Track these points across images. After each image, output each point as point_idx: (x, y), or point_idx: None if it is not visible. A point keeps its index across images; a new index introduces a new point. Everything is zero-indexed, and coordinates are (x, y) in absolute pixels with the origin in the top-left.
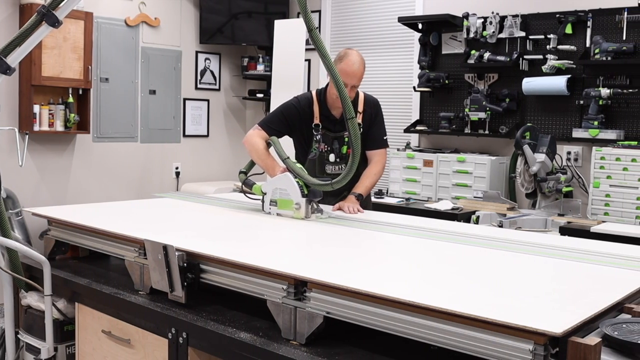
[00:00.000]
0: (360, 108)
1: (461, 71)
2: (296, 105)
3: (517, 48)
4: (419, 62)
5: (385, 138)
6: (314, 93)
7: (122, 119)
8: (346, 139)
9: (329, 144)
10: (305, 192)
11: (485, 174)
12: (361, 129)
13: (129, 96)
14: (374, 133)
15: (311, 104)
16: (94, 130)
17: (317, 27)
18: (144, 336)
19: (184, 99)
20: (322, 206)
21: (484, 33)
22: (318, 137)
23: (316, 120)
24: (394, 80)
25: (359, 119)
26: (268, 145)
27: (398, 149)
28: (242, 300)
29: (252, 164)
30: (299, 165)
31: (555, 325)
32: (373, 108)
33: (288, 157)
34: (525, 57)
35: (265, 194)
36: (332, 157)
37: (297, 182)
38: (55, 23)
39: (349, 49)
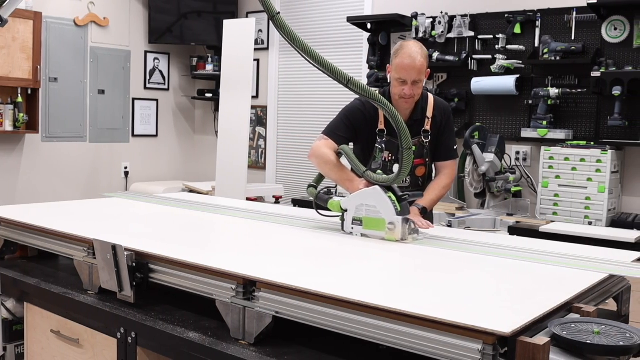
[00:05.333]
0: (430, 113)
1: None
2: (361, 108)
3: (466, 48)
4: (367, 62)
5: (455, 148)
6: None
7: (71, 119)
8: (414, 148)
9: (394, 153)
10: (399, 208)
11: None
12: (429, 137)
13: (78, 96)
14: (444, 142)
15: (376, 107)
16: (43, 130)
17: (279, 12)
18: (92, 336)
19: (133, 99)
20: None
21: (433, 33)
22: (382, 144)
23: (381, 126)
24: None
25: (427, 126)
26: (338, 155)
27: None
28: (191, 300)
29: (321, 176)
30: (382, 175)
31: (504, 325)
32: (443, 114)
33: (367, 170)
34: (474, 57)
35: (345, 211)
36: (396, 168)
37: (389, 197)
38: None
39: (405, 40)
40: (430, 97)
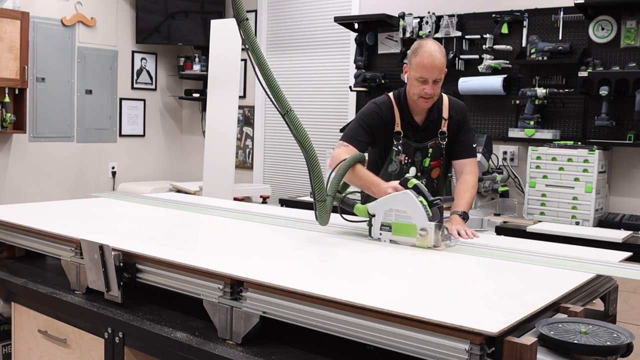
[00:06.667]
0: (446, 114)
1: (397, 71)
2: (378, 111)
3: (453, 48)
4: (355, 62)
5: (475, 146)
6: (391, 96)
7: (59, 119)
8: (430, 150)
9: (410, 156)
10: (430, 214)
11: None
12: (446, 139)
13: (65, 96)
14: (463, 140)
15: (392, 109)
16: (30, 130)
17: (247, 19)
18: (80, 336)
19: (120, 99)
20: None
21: (420, 33)
22: (399, 147)
23: (397, 128)
24: (330, 80)
25: (444, 127)
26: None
27: (334, 149)
28: (178, 300)
29: (345, 184)
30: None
31: (491, 325)
32: (460, 113)
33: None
34: (461, 56)
35: (373, 216)
36: (412, 171)
37: (421, 202)
38: None
39: (423, 40)
40: (445, 97)
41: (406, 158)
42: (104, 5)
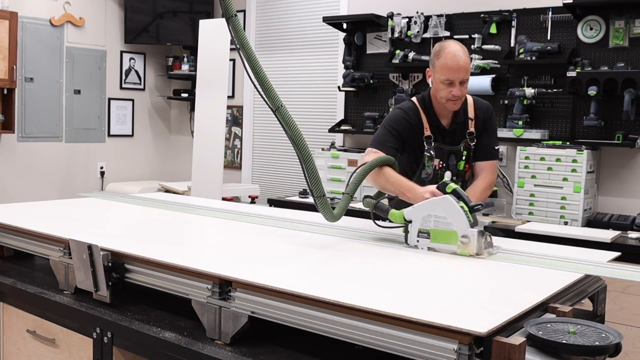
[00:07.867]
0: (472, 114)
1: (386, 71)
2: (405, 117)
3: None
4: (343, 62)
5: (497, 148)
6: (415, 101)
7: (47, 119)
8: (464, 153)
9: (444, 160)
10: (471, 220)
11: None
12: (474, 139)
13: (54, 96)
14: (485, 141)
15: (418, 114)
16: (19, 130)
17: (236, 15)
18: (68, 336)
19: (109, 99)
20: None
21: (409, 33)
22: (432, 151)
23: (427, 132)
24: (318, 80)
25: (472, 127)
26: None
27: (322, 149)
28: (167, 299)
29: (379, 192)
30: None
31: (479, 324)
32: (486, 113)
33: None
34: None
35: (409, 222)
36: (447, 175)
37: (461, 207)
38: None
39: (445, 41)
40: (470, 98)
41: (440, 163)
42: (92, 6)
